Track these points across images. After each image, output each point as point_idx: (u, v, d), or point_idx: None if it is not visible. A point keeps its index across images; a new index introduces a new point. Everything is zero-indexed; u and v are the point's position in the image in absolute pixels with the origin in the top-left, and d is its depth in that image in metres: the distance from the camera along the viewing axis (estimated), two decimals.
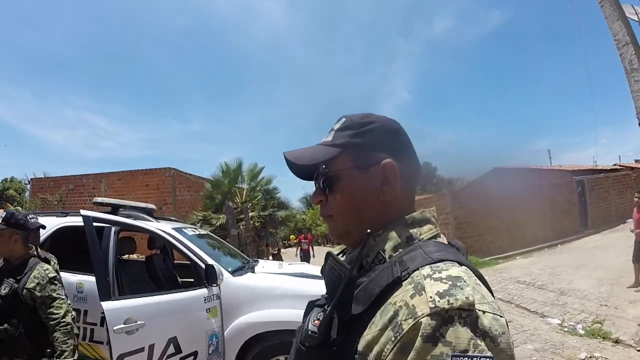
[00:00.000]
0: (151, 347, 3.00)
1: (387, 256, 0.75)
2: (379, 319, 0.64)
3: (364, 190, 0.82)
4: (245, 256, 5.68)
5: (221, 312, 3.56)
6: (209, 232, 5.84)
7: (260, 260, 5.43)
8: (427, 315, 0.58)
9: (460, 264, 0.67)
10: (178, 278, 5.27)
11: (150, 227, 3.94)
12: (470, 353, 0.55)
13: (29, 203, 14.02)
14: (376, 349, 0.63)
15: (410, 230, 0.78)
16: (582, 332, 5.62)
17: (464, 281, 0.62)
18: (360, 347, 0.65)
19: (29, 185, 14.50)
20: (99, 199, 4.08)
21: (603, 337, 5.31)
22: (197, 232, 4.75)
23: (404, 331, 0.59)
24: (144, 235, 4.63)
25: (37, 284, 2.45)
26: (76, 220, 4.28)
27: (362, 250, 0.74)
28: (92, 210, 3.84)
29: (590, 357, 4.73)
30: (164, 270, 5.07)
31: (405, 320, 0.60)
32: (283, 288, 3.80)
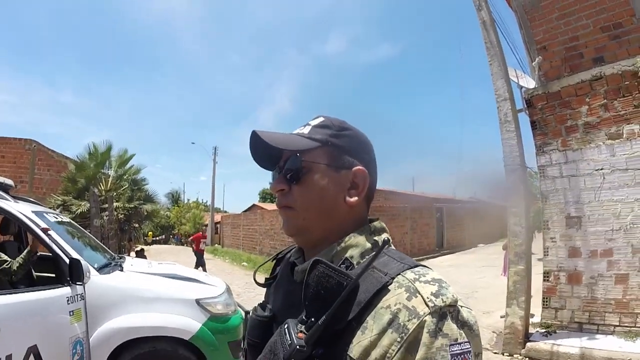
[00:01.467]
0: (8, 357, 2.52)
1: (355, 262, 0.77)
2: (372, 324, 0.67)
3: (332, 189, 0.82)
4: (110, 251, 5.18)
5: (86, 315, 3.18)
6: (71, 221, 5.12)
7: (127, 257, 5.02)
8: (429, 313, 0.64)
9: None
10: (34, 272, 4.56)
11: (8, 207, 3.38)
12: (459, 341, 0.64)
13: None
14: (376, 352, 0.65)
15: (374, 238, 0.82)
16: None
17: (445, 282, 0.71)
18: (354, 353, 0.66)
19: None
20: None
21: None
22: (59, 219, 4.19)
23: (410, 330, 0.64)
24: None
25: None
26: None
27: (334, 256, 0.79)
28: None
29: None
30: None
31: (409, 320, 0.64)
32: (154, 290, 3.58)
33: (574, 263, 5.71)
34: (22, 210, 3.44)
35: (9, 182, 4.12)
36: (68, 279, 3.10)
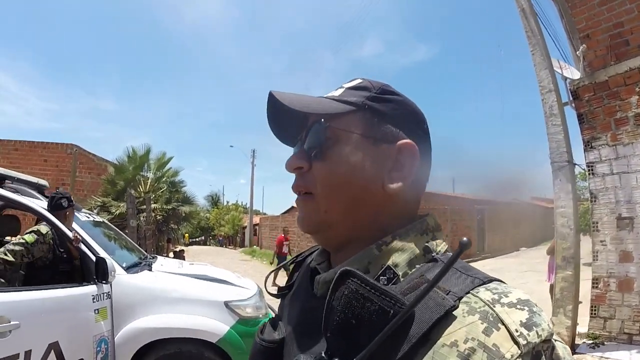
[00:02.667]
0: (28, 353, 2.51)
1: (400, 273, 0.54)
2: None
3: (367, 169, 0.60)
4: (143, 251, 5.25)
5: (112, 314, 3.19)
6: (106, 221, 5.31)
7: (159, 257, 5.05)
8: (520, 355, 0.42)
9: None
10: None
11: (38, 206, 3.43)
12: None
13: None
14: None
15: (427, 240, 0.59)
16: None
17: (535, 305, 0.48)
18: None
19: None
20: None
21: None
22: (92, 219, 4.30)
23: None
24: (32, 215, 4.05)
25: None
26: None
27: (370, 264, 0.56)
28: None
29: None
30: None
31: None
32: (182, 291, 3.55)
33: (625, 268, 5.24)
34: None
35: (43, 182, 4.33)
36: (94, 277, 3.12)
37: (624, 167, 5.35)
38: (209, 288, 3.73)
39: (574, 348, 5.15)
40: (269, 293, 0.84)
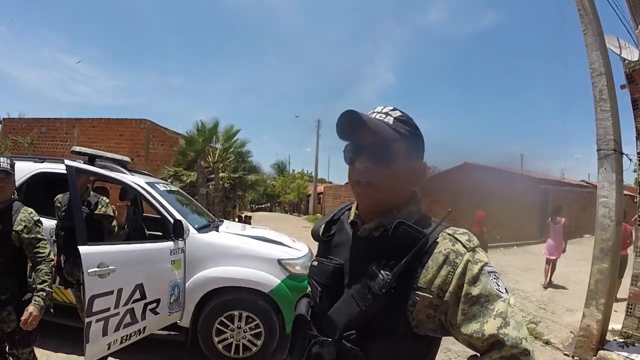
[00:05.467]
0: (120, 290, 3.21)
1: (411, 222, 1.00)
2: (432, 264, 0.96)
3: (405, 177, 1.05)
4: (212, 215, 5.93)
5: (184, 265, 3.83)
6: (179, 189, 6.06)
7: (225, 221, 5.69)
8: (468, 251, 0.96)
9: None
10: (146, 230, 5.52)
11: (126, 179, 4.13)
12: (489, 263, 0.97)
13: None
14: (438, 281, 0.94)
15: (418, 207, 1.09)
16: None
17: (470, 233, 1.02)
18: (422, 283, 0.95)
19: (0, 125, 14.05)
20: (77, 148, 4.16)
21: (535, 337, 5.60)
22: (168, 188, 4.97)
23: (458, 263, 0.94)
24: (116, 186, 4.66)
25: (25, 226, 2.61)
26: (53, 167, 4.49)
27: (393, 220, 1.02)
28: (65, 156, 4.01)
29: None
30: (132, 221, 5.25)
31: (456, 257, 0.95)
32: (243, 248, 4.10)
33: None
34: (137, 181, 4.20)
35: (126, 158, 4.96)
36: (172, 235, 3.77)
37: None
38: (265, 247, 4.27)
39: (602, 344, 4.98)
40: (315, 238, 1.24)
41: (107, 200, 3.93)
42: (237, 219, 14.47)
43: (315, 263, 1.14)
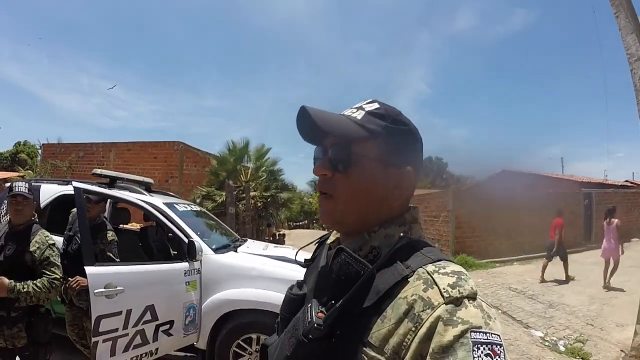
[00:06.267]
0: (128, 311, 3.21)
1: (383, 253, 0.77)
2: (391, 313, 0.69)
3: (377, 187, 0.80)
4: (237, 235, 5.89)
5: (200, 286, 3.78)
6: (204, 209, 6.08)
7: (249, 240, 5.63)
8: (444, 303, 0.65)
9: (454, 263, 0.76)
10: (171, 251, 5.50)
11: (137, 200, 4.08)
12: (484, 329, 0.63)
13: (39, 167, 14.33)
14: (394, 340, 0.67)
15: (403, 230, 0.81)
16: (562, 349, 5.53)
17: (466, 274, 0.71)
18: (374, 340, 0.69)
19: (40, 150, 14.76)
20: (98, 171, 4.25)
21: (582, 358, 5.22)
22: (190, 209, 4.94)
23: (424, 320, 0.65)
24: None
25: (38, 247, 2.79)
26: None
27: (363, 246, 0.81)
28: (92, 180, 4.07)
29: None
30: (157, 242, 5.33)
31: (423, 311, 0.66)
32: (259, 269, 4.00)
33: None
34: (152, 201, 4.18)
35: (149, 180, 5.03)
36: (186, 256, 3.74)
37: None
38: (285, 267, 4.10)
39: None
40: (297, 263, 1.12)
41: (111, 237, 3.60)
42: (271, 238, 14.47)
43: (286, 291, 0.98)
